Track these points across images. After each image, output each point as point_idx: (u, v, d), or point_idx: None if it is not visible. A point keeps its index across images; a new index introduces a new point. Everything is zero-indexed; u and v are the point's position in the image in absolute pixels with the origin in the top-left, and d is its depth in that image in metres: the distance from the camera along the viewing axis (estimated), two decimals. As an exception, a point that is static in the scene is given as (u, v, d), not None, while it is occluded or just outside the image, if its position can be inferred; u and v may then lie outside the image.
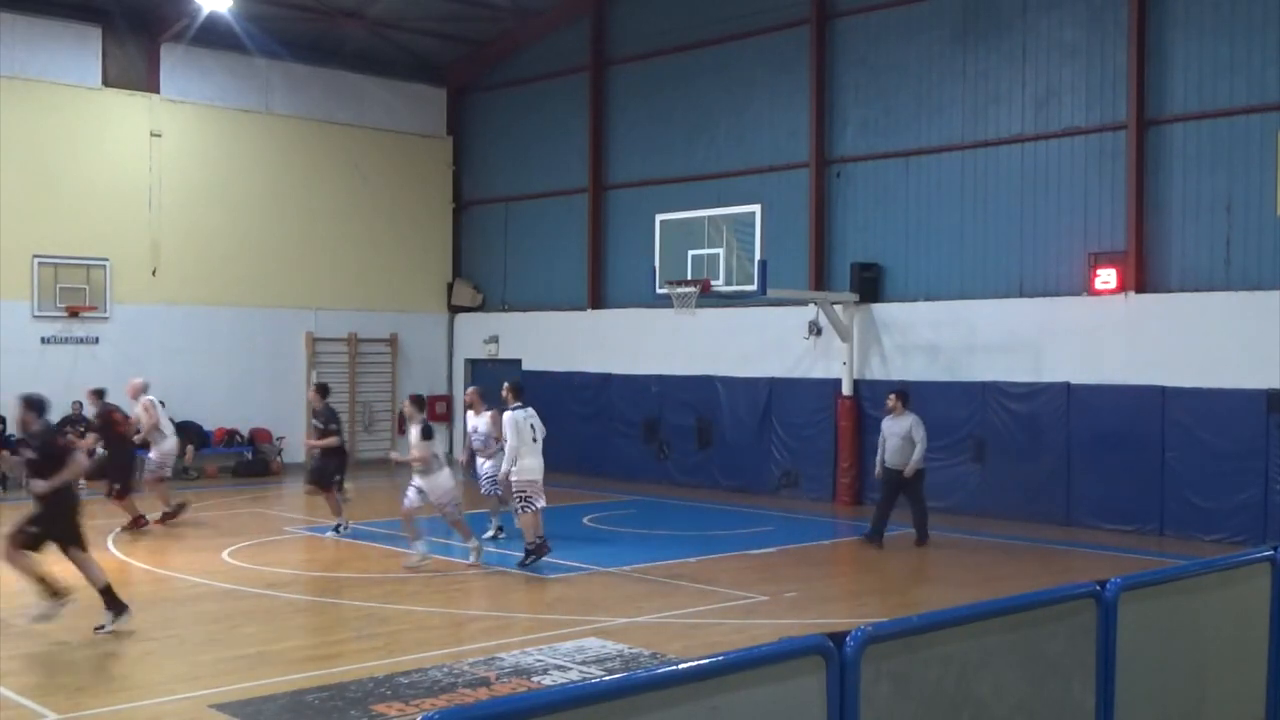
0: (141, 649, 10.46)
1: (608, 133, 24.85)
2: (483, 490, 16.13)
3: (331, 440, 16.25)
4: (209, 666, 9.83)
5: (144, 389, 17.34)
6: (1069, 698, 5.36)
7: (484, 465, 15.95)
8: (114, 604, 10.77)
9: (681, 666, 3.91)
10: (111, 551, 15.06)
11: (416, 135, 27.19)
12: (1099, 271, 17.80)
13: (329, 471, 16.35)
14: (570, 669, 9.50)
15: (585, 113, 25.02)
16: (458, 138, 27.83)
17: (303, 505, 19.39)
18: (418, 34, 25.57)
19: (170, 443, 17.44)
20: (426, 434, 13.79)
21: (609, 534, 17.20)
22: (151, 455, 17.22)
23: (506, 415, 13.87)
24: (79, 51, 22.83)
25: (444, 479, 13.78)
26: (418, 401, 14.46)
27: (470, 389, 16.75)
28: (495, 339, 26.65)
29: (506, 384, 14.43)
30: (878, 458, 15.92)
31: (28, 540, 10.68)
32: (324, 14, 24.01)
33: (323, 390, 16.89)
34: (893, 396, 16.00)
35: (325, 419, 16.49)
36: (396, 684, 9.06)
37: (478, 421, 16.01)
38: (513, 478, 13.73)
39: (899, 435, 15.53)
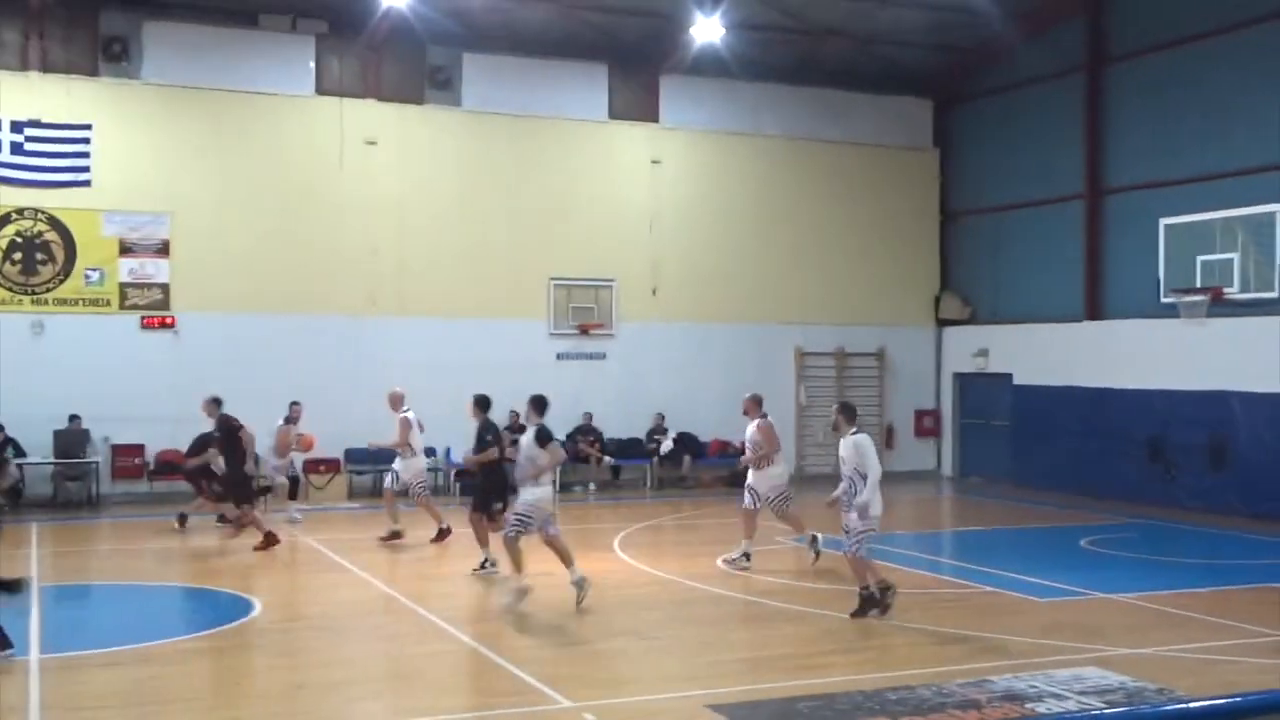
0: (643, 646, 11.09)
1: (1106, 134, 23.53)
2: (746, 503, 14.82)
3: (489, 455, 14.41)
4: (704, 668, 10.25)
5: (403, 400, 17.02)
6: None
7: (754, 478, 14.77)
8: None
9: (1196, 705, 3.60)
10: (617, 553, 16.09)
11: (902, 148, 27.09)
12: None
13: (487, 494, 14.55)
14: (1067, 698, 9.04)
15: (1081, 115, 23.84)
16: (944, 148, 27.43)
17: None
18: (902, 46, 25.47)
19: (419, 462, 16.92)
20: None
21: (1109, 558, 16.23)
22: (399, 472, 16.82)
23: (862, 438, 11.90)
24: (589, 88, 24.71)
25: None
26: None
27: (749, 395, 15.37)
28: (985, 352, 25.97)
29: (843, 405, 12.41)
30: None
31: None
32: (808, 34, 24.49)
33: (482, 404, 14.69)
34: None
35: (481, 433, 14.62)
36: (884, 699, 9.01)
37: (750, 430, 14.90)
38: (873, 511, 11.73)
39: None
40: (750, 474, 14.84)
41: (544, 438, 12.42)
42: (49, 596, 13.09)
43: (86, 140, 21.16)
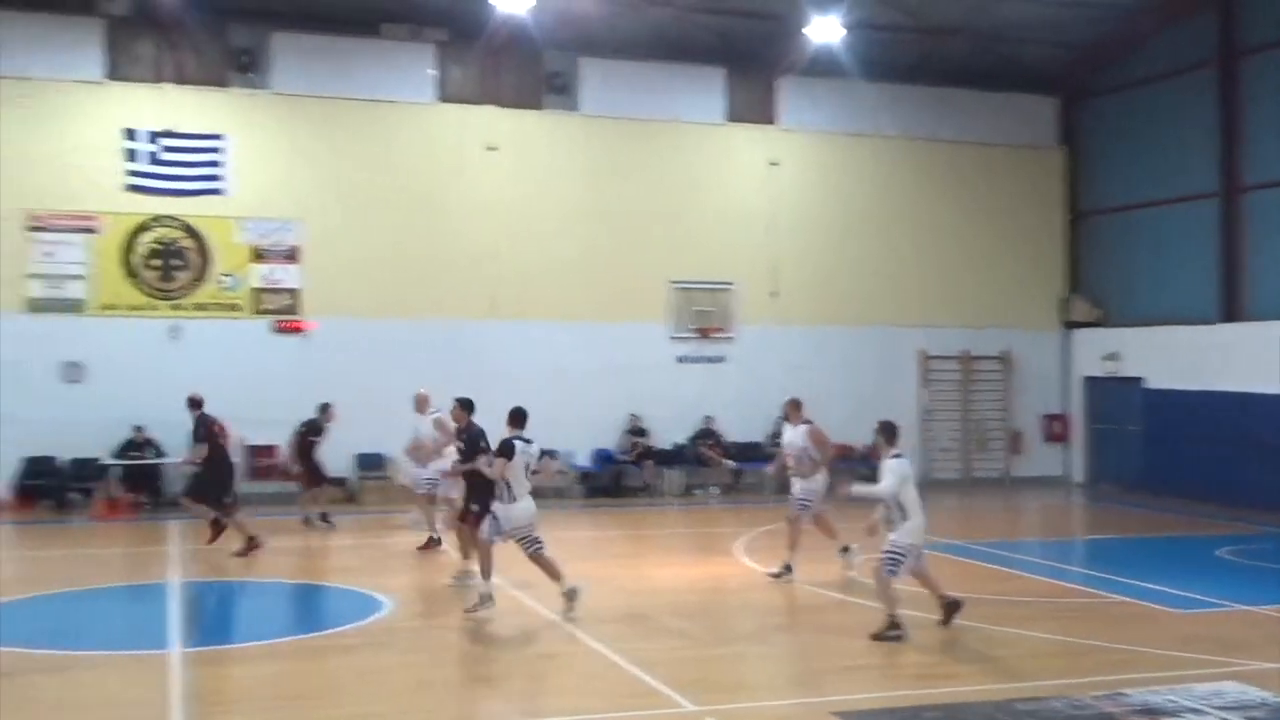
0: (767, 652, 11.05)
1: (1242, 130, 22.75)
2: (791, 514, 14.52)
3: (471, 466, 13.29)
4: (829, 675, 10.17)
5: (429, 401, 16.43)
6: None
7: (795, 485, 14.47)
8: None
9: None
10: (739, 558, 16.03)
11: (1026, 147, 26.52)
12: None
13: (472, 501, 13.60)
14: (1207, 714, 8.75)
15: (1214, 110, 23.10)
16: (1071, 147, 26.79)
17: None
18: (1025, 44, 24.94)
19: (444, 465, 15.62)
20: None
21: (1249, 568, 15.69)
22: (422, 475, 16.51)
23: (893, 463, 11.51)
24: (706, 91, 24.67)
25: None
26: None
27: (789, 399, 14.89)
28: (1115, 356, 25.27)
29: (883, 424, 12.07)
30: None
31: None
32: (929, 33, 24.12)
33: (467, 406, 13.80)
34: None
35: (473, 440, 13.63)
36: (1014, 710, 8.83)
37: (794, 435, 14.47)
38: (896, 538, 11.26)
39: None
40: (796, 482, 14.46)
41: (501, 450, 11.98)
42: (187, 592, 13.49)
43: (220, 150, 21.83)
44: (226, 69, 22.12)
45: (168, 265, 21.57)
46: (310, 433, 18.78)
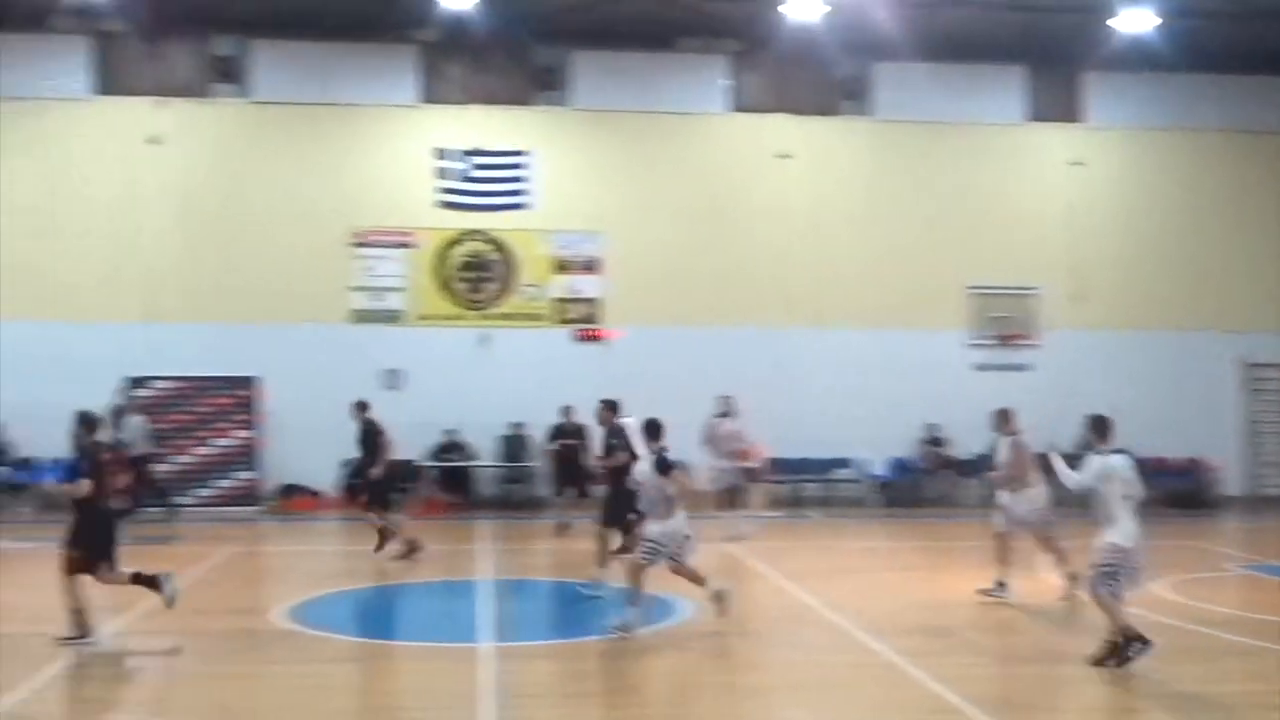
0: (1074, 672, 10.54)
1: None
2: (998, 525, 13.55)
3: (615, 460, 13.23)
4: (1144, 701, 9.64)
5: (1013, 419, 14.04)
6: None
7: (1018, 504, 13.45)
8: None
9: None
10: (1040, 574, 15.39)
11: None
12: None
13: (615, 505, 13.26)
14: None
15: None
16: None
17: (1242, 541, 18.21)
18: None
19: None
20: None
21: None
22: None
23: (1094, 459, 10.52)
24: (1005, 91, 24.00)
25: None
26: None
27: (999, 409, 13.84)
28: None
29: (1093, 419, 10.89)
30: None
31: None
32: (1251, 18, 22.36)
33: (612, 407, 13.75)
34: None
35: (611, 437, 13.62)
36: (1358, 749, 8.11)
37: (1003, 447, 13.51)
38: (1111, 541, 10.38)
39: None
40: (1012, 498, 13.54)
41: (664, 466, 11.34)
42: (496, 589, 14.09)
43: (525, 165, 22.83)
44: (530, 88, 23.12)
45: (477, 277, 22.71)
46: (557, 436, 19.26)
